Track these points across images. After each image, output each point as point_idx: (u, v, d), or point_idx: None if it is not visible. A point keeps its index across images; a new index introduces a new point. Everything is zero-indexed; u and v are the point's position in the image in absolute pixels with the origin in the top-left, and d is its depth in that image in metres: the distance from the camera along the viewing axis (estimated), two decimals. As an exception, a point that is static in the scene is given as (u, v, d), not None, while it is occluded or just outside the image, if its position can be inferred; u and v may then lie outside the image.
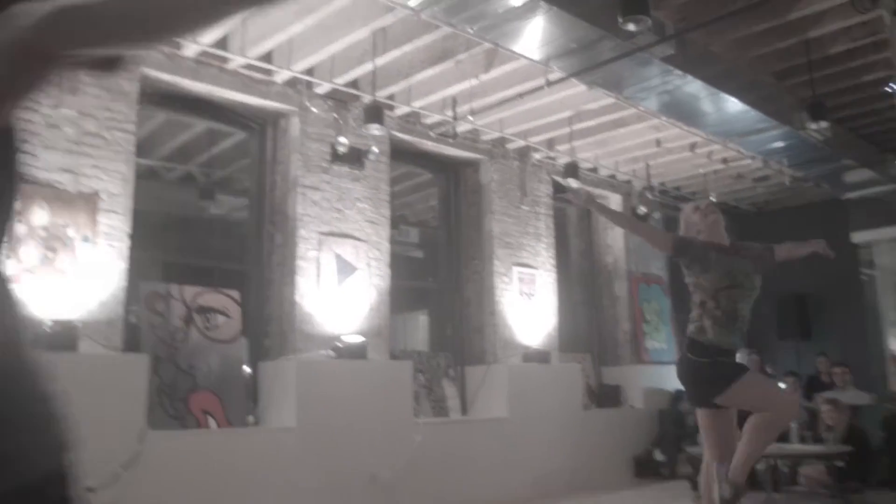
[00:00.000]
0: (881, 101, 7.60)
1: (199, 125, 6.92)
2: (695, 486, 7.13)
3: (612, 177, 9.47)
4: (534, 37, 5.51)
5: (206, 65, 6.03)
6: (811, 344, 10.09)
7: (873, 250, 10.63)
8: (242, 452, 5.61)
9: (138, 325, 5.72)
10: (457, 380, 7.66)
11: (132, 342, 5.63)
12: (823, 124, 7.22)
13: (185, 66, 5.94)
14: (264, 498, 5.60)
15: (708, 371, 3.99)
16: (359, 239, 6.76)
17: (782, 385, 8.46)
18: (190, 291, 6.00)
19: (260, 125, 6.77)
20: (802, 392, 8.44)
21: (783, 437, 7.21)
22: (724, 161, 8.99)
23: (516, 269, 8.09)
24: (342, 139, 6.65)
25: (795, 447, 6.92)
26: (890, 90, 4.05)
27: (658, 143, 8.46)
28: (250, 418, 6.12)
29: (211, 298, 6.10)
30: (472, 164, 8.18)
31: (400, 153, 7.54)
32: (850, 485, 6.75)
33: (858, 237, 10.33)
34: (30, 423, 1.01)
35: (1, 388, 0.98)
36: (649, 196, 9.69)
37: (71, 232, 5.17)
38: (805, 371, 9.32)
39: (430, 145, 7.71)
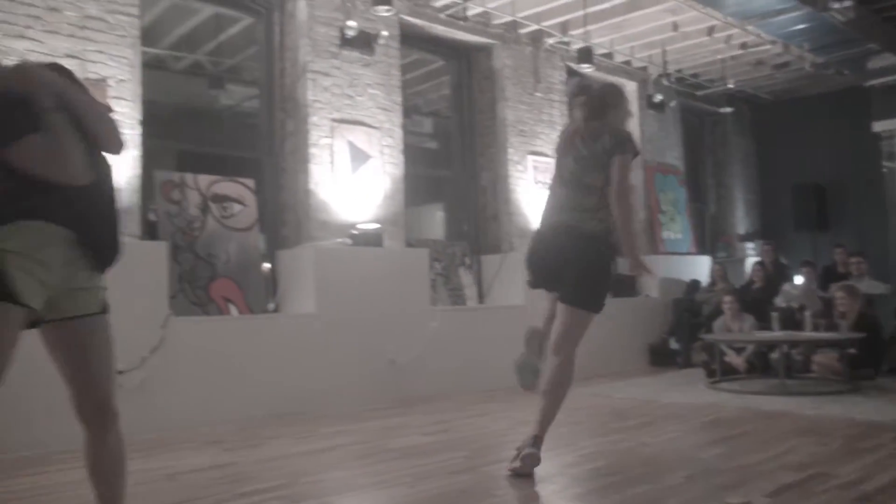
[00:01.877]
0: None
1: (205, 10, 6.73)
2: (710, 374, 7.24)
3: (628, 63, 9.23)
4: None
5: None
6: (828, 235, 10.03)
7: (895, 141, 10.44)
8: (264, 337, 5.69)
9: (156, 216, 5.72)
10: (473, 268, 7.69)
11: (151, 228, 5.66)
12: (847, 3, 6.97)
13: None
14: (286, 381, 5.71)
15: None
16: (371, 126, 6.67)
17: (798, 279, 8.48)
18: (205, 180, 5.97)
19: (266, 9, 6.59)
20: (818, 282, 8.45)
21: (798, 325, 7.27)
22: (743, 46, 8.75)
23: (531, 158, 8.01)
24: (350, 22, 6.49)
25: (808, 335, 6.97)
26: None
27: (675, 27, 8.21)
28: (270, 305, 6.18)
29: (226, 187, 6.07)
30: (485, 50, 7.99)
31: (410, 38, 7.36)
32: (861, 372, 6.80)
33: (880, 126, 10.13)
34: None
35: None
36: (665, 83, 9.48)
37: (82, 119, 5.09)
38: (821, 263, 9.28)
39: (440, 29, 7.51)
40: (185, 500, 3.38)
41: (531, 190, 7.95)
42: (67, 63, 5.00)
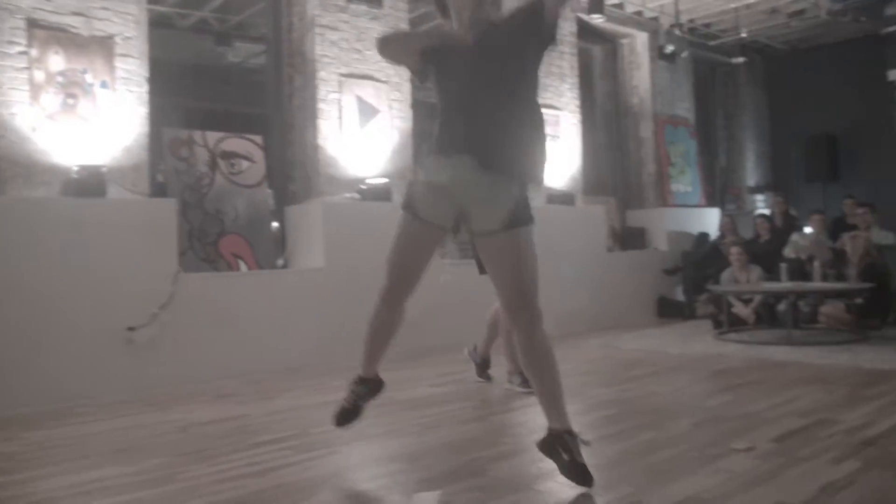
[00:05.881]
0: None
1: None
2: (717, 325, 7.29)
3: (639, 13, 9.13)
4: None
5: None
6: (839, 187, 9.97)
7: (909, 90, 10.27)
8: (274, 293, 5.75)
9: (164, 175, 5.75)
10: (481, 223, 7.68)
11: (159, 188, 5.68)
12: (865, -53, 6.86)
13: None
14: (295, 335, 5.78)
15: None
16: (379, 80, 6.63)
17: (807, 229, 8.43)
18: (213, 137, 5.98)
19: (273, -37, 6.53)
20: (828, 233, 8.42)
21: (806, 277, 7.25)
22: (758, -6, 8.62)
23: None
24: (358, -24, 6.43)
25: (816, 284, 6.97)
26: None
27: (688, -25, 8.10)
28: (279, 261, 6.23)
29: (234, 144, 6.08)
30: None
31: (418, -10, 7.26)
32: (869, 322, 6.82)
33: (895, 75, 9.97)
34: None
35: None
36: (677, 33, 9.36)
37: (89, 77, 5.11)
38: (832, 215, 9.22)
39: (448, -19, 7.40)
40: (199, 450, 3.44)
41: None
42: (73, 20, 5.04)
